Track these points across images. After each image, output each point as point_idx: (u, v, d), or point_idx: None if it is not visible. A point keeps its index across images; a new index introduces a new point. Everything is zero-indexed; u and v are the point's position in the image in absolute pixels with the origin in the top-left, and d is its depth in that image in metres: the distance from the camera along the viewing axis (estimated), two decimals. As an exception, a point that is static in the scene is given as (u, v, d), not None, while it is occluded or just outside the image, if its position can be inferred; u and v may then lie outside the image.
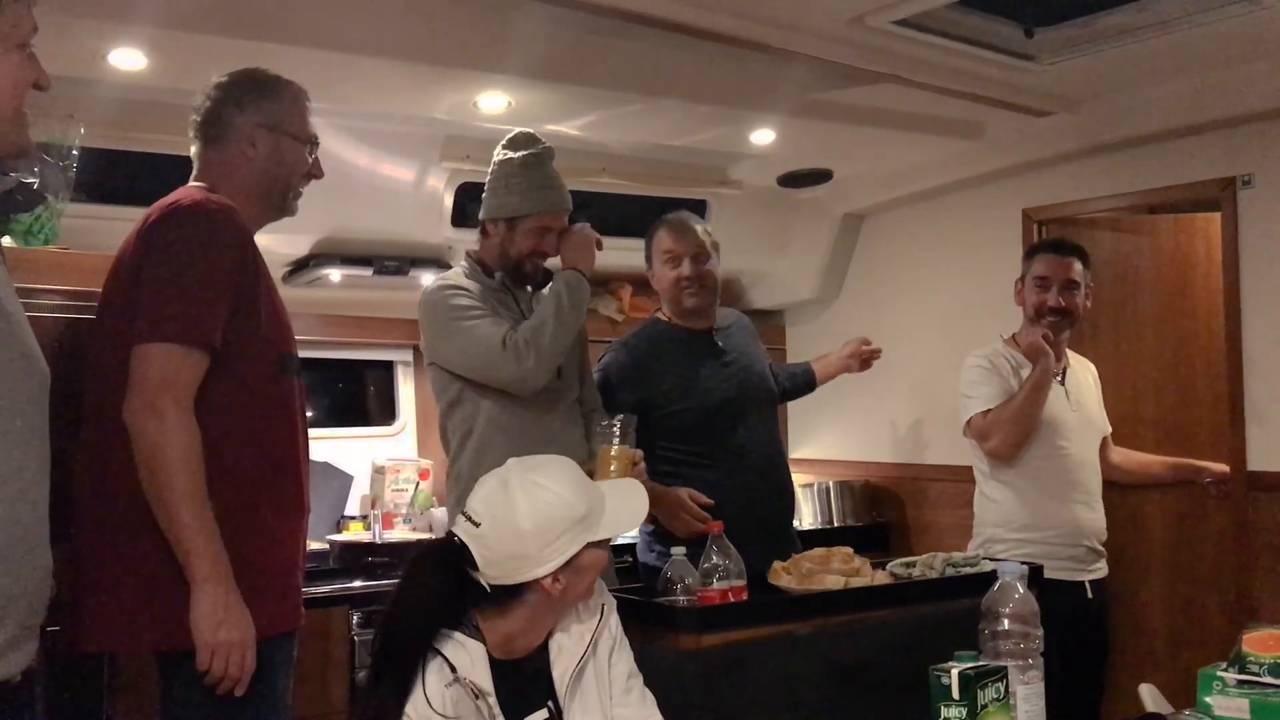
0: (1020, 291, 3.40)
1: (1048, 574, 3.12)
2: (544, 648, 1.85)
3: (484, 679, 1.75)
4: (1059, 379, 3.35)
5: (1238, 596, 3.65)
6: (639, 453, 2.55)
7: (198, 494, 1.90)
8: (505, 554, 1.75)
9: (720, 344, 3.14)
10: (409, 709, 1.68)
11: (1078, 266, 3.32)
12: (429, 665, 1.72)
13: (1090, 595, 3.26)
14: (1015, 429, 3.22)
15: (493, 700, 1.74)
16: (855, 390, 4.63)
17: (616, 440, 2.52)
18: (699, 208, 4.42)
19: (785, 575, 2.43)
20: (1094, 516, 3.31)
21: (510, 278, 2.78)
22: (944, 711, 1.58)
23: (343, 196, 3.60)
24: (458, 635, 1.76)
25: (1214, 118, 3.61)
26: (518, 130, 2.82)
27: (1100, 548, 3.32)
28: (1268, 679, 1.99)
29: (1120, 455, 3.65)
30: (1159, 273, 4.05)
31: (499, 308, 2.71)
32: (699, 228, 3.15)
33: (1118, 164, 3.94)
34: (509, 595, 1.77)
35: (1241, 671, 2.03)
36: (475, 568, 1.76)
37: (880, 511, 4.74)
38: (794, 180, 4.42)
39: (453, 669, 1.72)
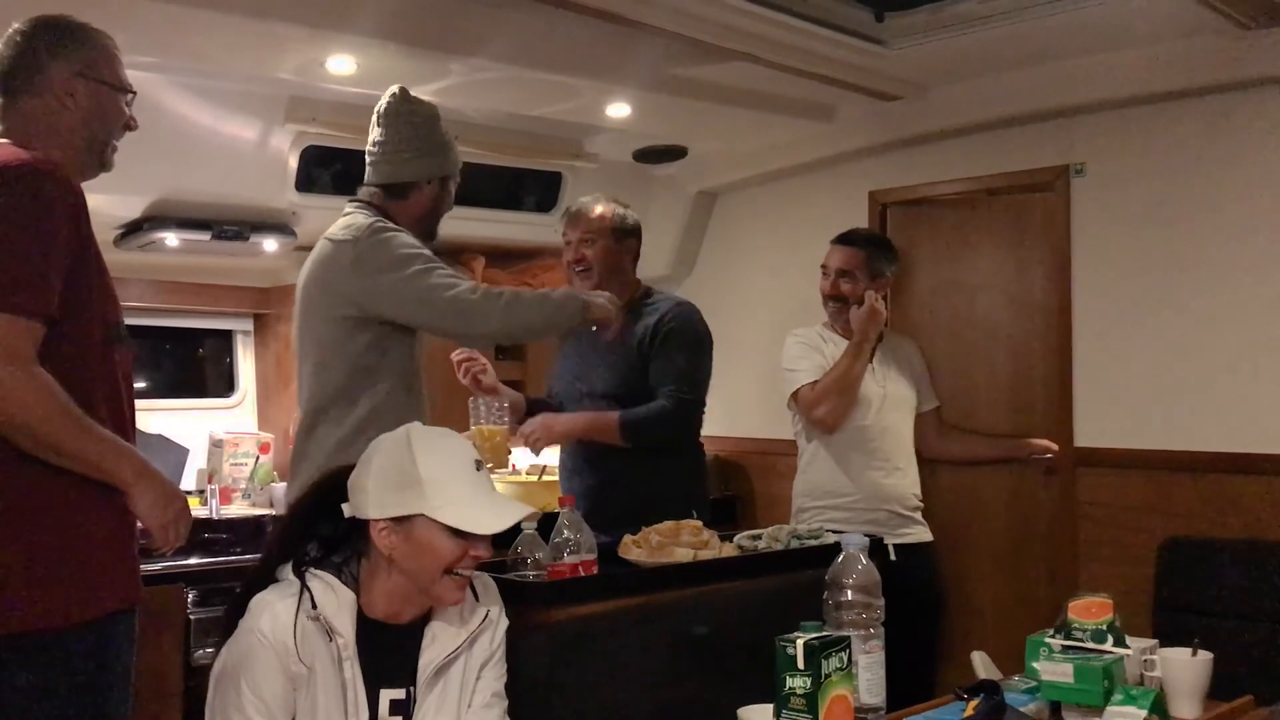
0: None
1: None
2: (420, 631, 1.84)
3: (345, 626, 1.74)
4: (887, 360, 3.54)
5: (1063, 567, 3.84)
6: (502, 430, 2.58)
7: (80, 417, 1.86)
8: (359, 480, 1.80)
9: (595, 328, 3.03)
10: (264, 624, 1.69)
11: (858, 257, 3.58)
12: (292, 593, 1.74)
13: (894, 558, 3.33)
14: (840, 397, 3.44)
15: (344, 644, 1.73)
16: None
17: (481, 420, 2.61)
18: (554, 180, 4.38)
19: (635, 549, 2.44)
20: (894, 482, 3.49)
21: (421, 237, 2.70)
22: (789, 681, 1.60)
23: (180, 156, 3.43)
24: (331, 578, 1.76)
25: (1051, 107, 3.76)
26: (398, 88, 2.73)
27: (907, 512, 3.51)
28: (1090, 645, 2.09)
29: (950, 439, 3.84)
30: (996, 255, 4.20)
31: None
32: (602, 209, 3.14)
33: (960, 149, 4.07)
34: (361, 537, 1.80)
35: (1067, 638, 2.12)
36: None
37: (729, 485, 4.81)
38: (649, 156, 4.42)
39: (314, 604, 1.72)
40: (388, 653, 1.78)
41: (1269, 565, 3.26)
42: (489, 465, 2.65)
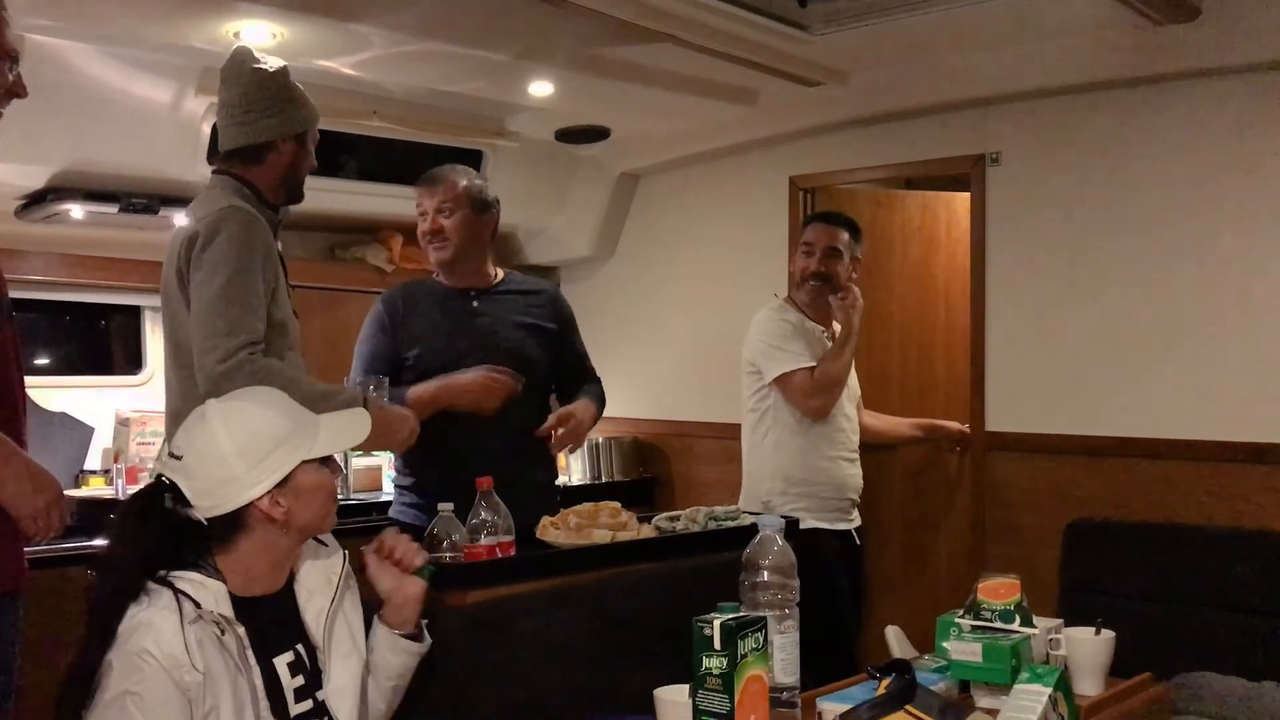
0: (794, 257, 3.58)
1: (822, 524, 3.36)
2: (290, 591, 1.82)
3: (231, 616, 1.71)
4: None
5: (972, 548, 3.92)
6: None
7: None
8: (213, 481, 1.72)
9: (476, 305, 2.97)
10: (148, 645, 1.61)
11: (843, 236, 3.50)
12: (166, 604, 1.65)
13: (858, 542, 3.51)
14: (838, 389, 3.43)
15: (243, 632, 1.70)
16: (624, 348, 4.68)
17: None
18: (474, 158, 4.33)
19: (553, 530, 2.43)
20: (855, 472, 3.53)
21: (289, 200, 2.60)
22: (705, 661, 1.61)
23: (87, 125, 3.32)
24: (196, 575, 1.71)
25: (968, 97, 3.82)
26: (240, 47, 2.58)
27: (857, 498, 3.55)
28: (998, 624, 2.14)
29: (871, 417, 3.88)
30: (907, 246, 4.30)
31: (268, 253, 2.44)
32: (456, 180, 2.97)
33: (880, 136, 4.12)
34: (232, 526, 1.74)
35: (976, 618, 2.17)
36: (189, 504, 1.72)
37: (647, 467, 4.83)
38: (572, 136, 4.40)
39: (196, 605, 1.66)
40: (268, 625, 1.76)
41: (1168, 547, 3.37)
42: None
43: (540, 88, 3.80)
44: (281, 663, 1.76)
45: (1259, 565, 3.19)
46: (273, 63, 2.54)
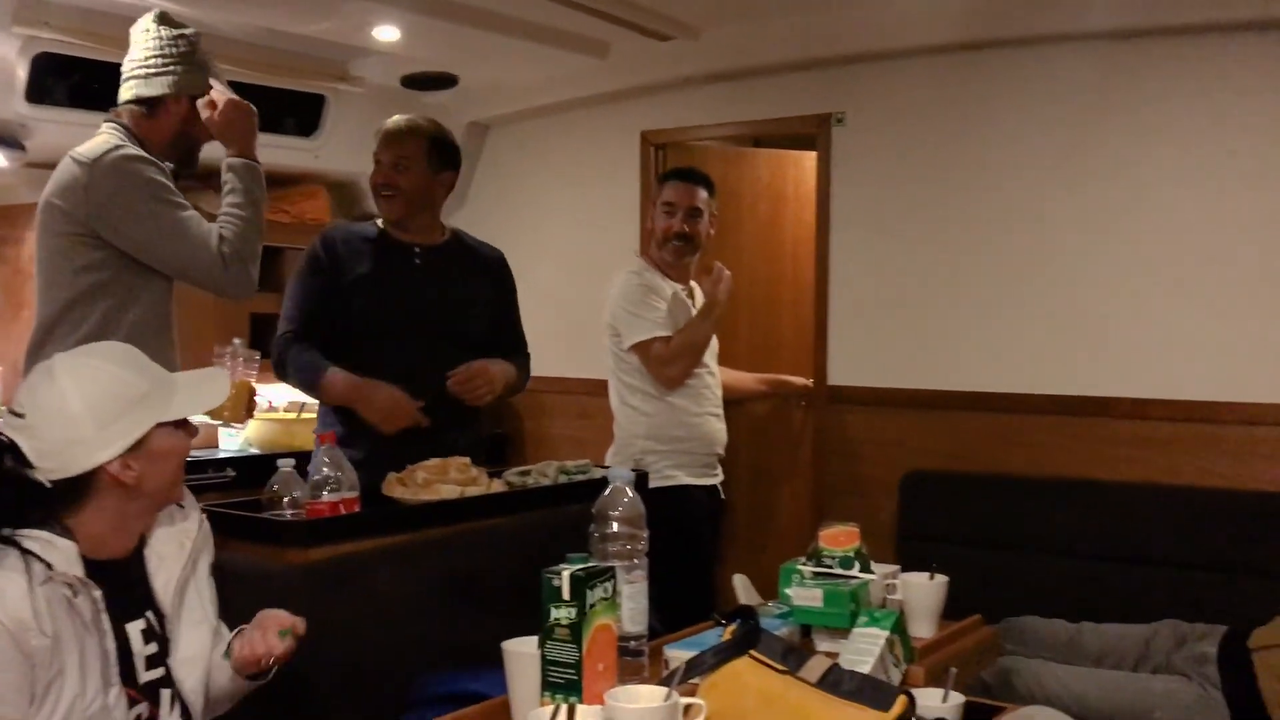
0: (651, 215, 3.55)
1: (693, 480, 3.40)
2: (140, 557, 1.73)
3: (84, 576, 1.61)
4: (692, 305, 3.54)
5: (815, 497, 4.03)
6: (247, 384, 2.53)
7: None
8: (59, 442, 1.61)
9: (418, 262, 2.87)
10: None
11: (702, 194, 3.50)
12: (14, 564, 1.54)
13: (723, 496, 3.57)
14: (694, 359, 3.43)
15: (98, 594, 1.60)
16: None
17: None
18: (315, 103, 4.19)
19: (400, 486, 2.39)
20: (721, 426, 3.56)
21: (180, 167, 2.55)
22: (554, 612, 1.60)
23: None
24: (44, 534, 1.60)
25: (816, 56, 3.87)
26: (158, 11, 2.56)
27: (723, 453, 3.59)
28: (839, 571, 2.20)
29: (722, 372, 3.91)
30: (756, 204, 4.35)
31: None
32: (419, 136, 2.86)
33: (730, 94, 4.14)
34: (78, 490, 1.63)
35: (817, 565, 2.23)
36: (30, 465, 1.60)
37: (498, 423, 4.79)
38: (419, 83, 4.29)
39: (47, 566, 1.56)
40: (119, 589, 1.67)
41: (998, 496, 3.53)
42: (226, 416, 2.59)
43: (385, 32, 3.69)
44: (135, 629, 1.68)
45: (1080, 512, 3.37)
46: (181, 27, 2.55)
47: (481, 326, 2.91)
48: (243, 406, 2.62)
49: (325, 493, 2.14)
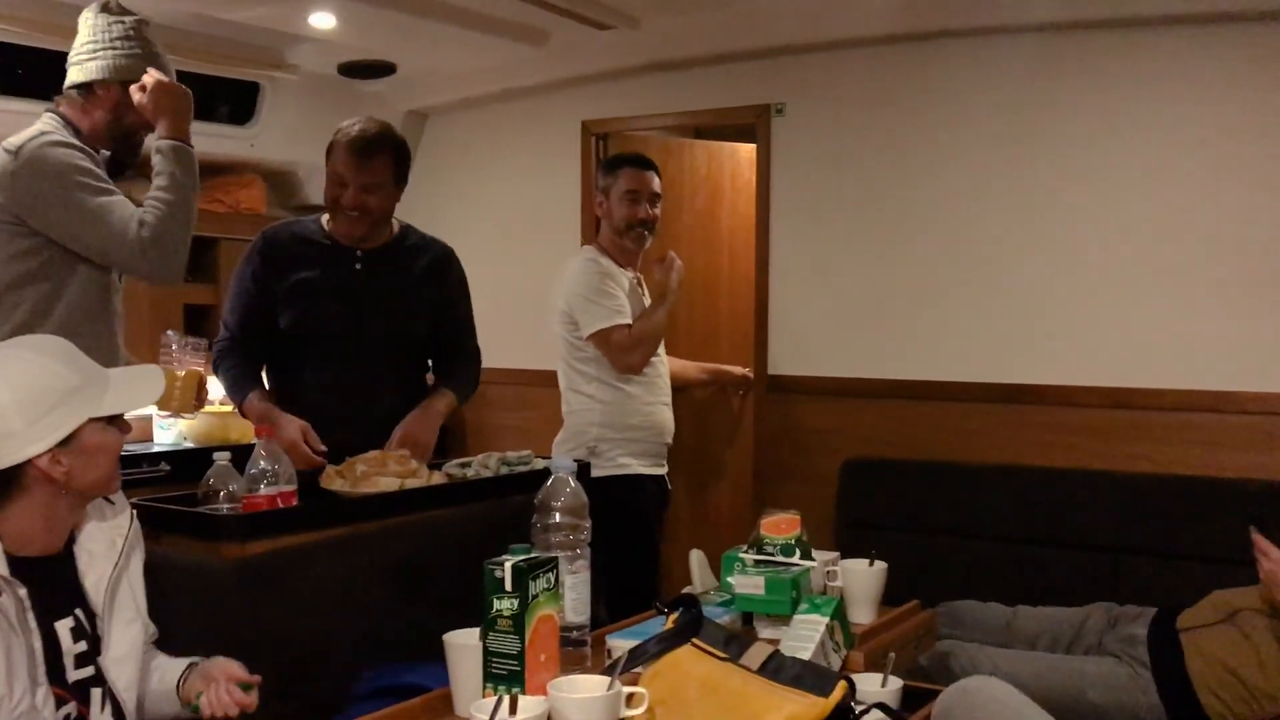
0: (603, 203, 3.50)
1: (644, 469, 3.41)
2: (70, 554, 1.70)
3: (8, 574, 1.58)
4: (643, 291, 3.55)
5: (756, 486, 4.06)
6: (196, 373, 2.54)
7: None
8: None
9: (360, 268, 2.80)
10: None
11: (658, 180, 3.51)
12: None
13: (669, 485, 3.58)
14: (654, 345, 3.44)
15: (24, 593, 1.57)
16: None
17: (174, 362, 2.50)
18: (250, 91, 4.12)
19: (338, 479, 2.37)
20: (670, 416, 3.57)
21: (119, 156, 2.51)
22: (496, 603, 1.60)
23: None
24: None
25: (756, 46, 3.89)
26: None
27: (670, 442, 3.60)
28: (780, 559, 2.22)
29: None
30: (694, 195, 4.37)
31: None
32: (390, 159, 2.78)
33: (671, 83, 4.14)
34: (6, 484, 1.60)
35: (759, 553, 2.25)
36: None
37: (440, 414, 4.76)
38: (356, 70, 4.24)
39: None
40: (47, 587, 1.64)
41: (936, 482, 3.58)
42: (174, 406, 2.54)
43: (322, 19, 3.64)
44: (63, 627, 1.64)
45: (1015, 498, 3.42)
46: (126, 15, 2.50)
47: (424, 329, 2.86)
48: (192, 396, 2.59)
49: (262, 486, 2.11)
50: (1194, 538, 3.12)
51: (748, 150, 4.31)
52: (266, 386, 2.81)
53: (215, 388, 2.82)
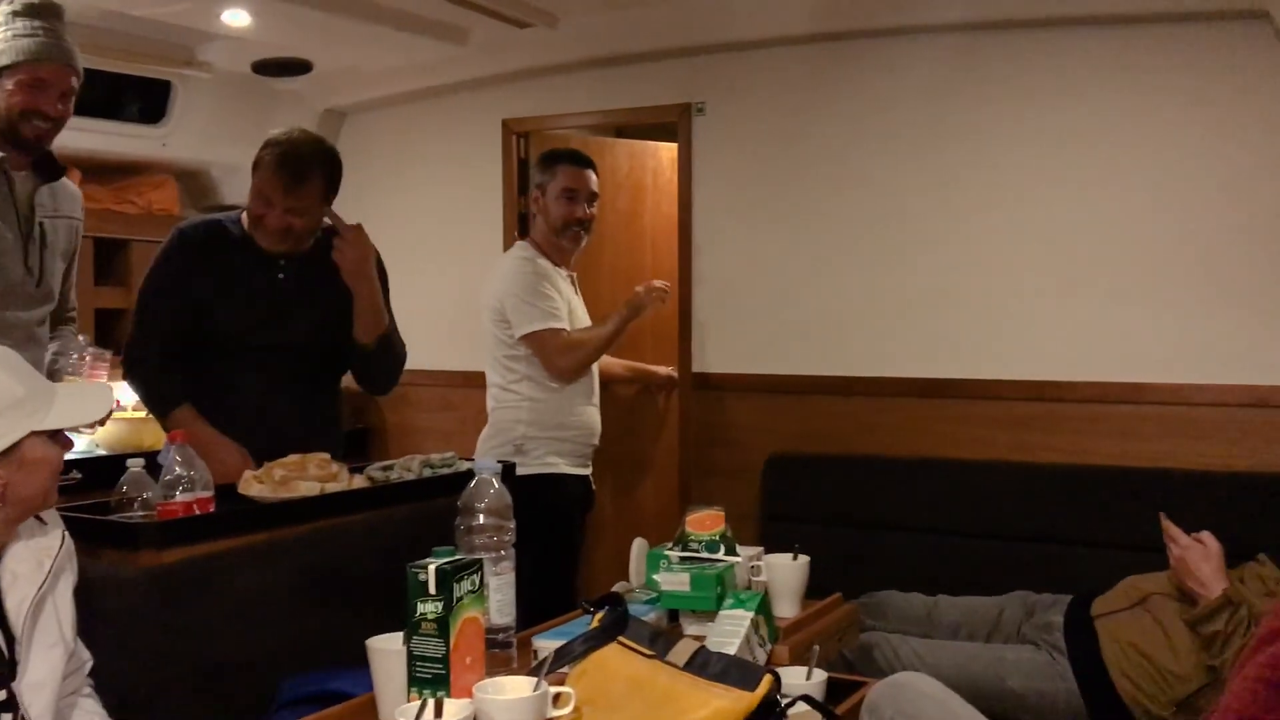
0: (539, 200, 3.47)
1: (572, 470, 3.41)
2: None
3: None
4: (575, 289, 3.54)
5: (680, 483, 4.08)
6: (99, 385, 2.39)
7: None
8: None
9: (284, 277, 2.72)
10: None
11: (596, 178, 3.50)
12: None
13: (594, 487, 3.57)
14: (594, 358, 3.43)
15: None
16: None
17: (69, 371, 2.44)
18: (162, 89, 4.03)
19: (257, 484, 2.32)
20: (599, 417, 3.56)
21: (9, 144, 2.42)
22: (420, 607, 1.58)
23: None
24: None
25: (676, 45, 3.90)
26: None
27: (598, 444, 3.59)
28: (705, 555, 2.23)
29: None
30: (617, 194, 4.37)
31: None
32: (320, 180, 2.70)
33: (592, 82, 4.14)
34: None
35: (684, 549, 2.25)
36: None
37: (360, 417, 4.70)
38: (271, 68, 4.16)
39: None
40: None
41: (858, 476, 3.62)
42: None
43: (234, 15, 3.56)
44: None
45: (935, 490, 3.48)
46: (5, 2, 2.44)
47: (347, 334, 2.78)
48: None
49: (178, 493, 2.06)
50: (1107, 526, 3.20)
51: (669, 149, 4.32)
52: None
53: (125, 393, 2.74)
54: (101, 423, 2.48)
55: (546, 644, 1.85)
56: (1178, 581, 2.55)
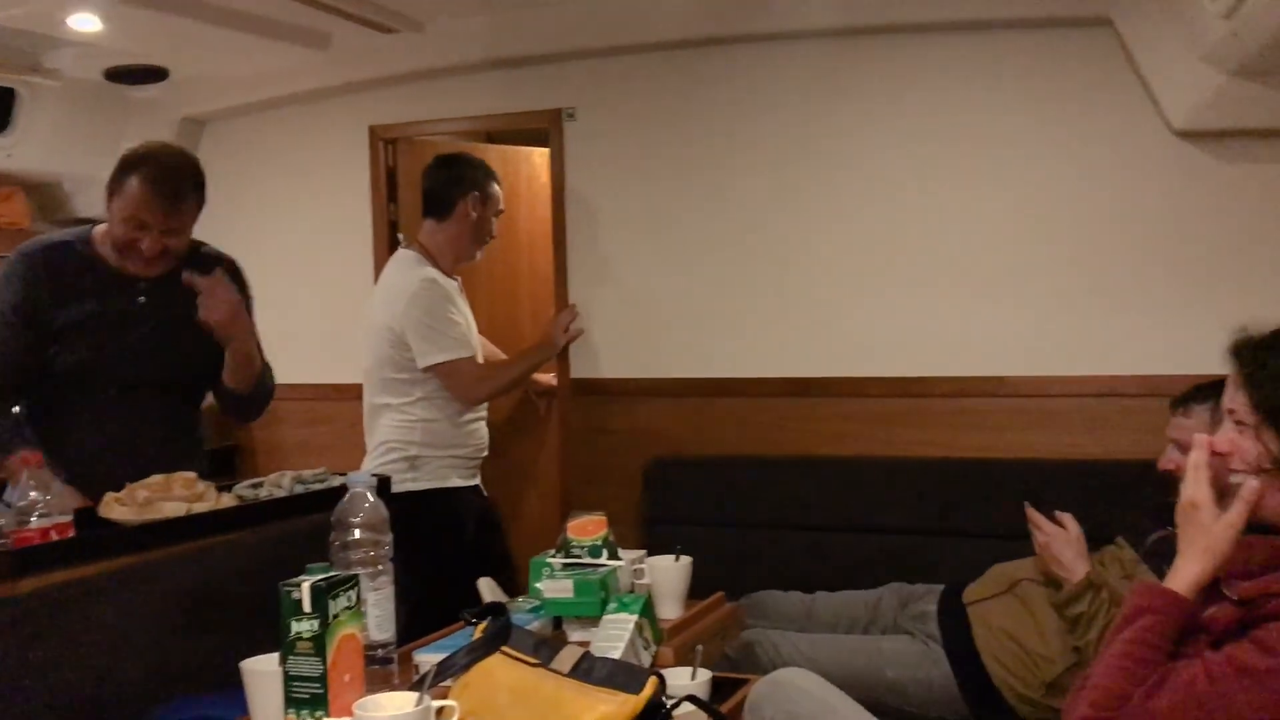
0: (478, 206, 3.43)
1: (464, 482, 3.38)
2: None
3: None
4: (463, 296, 3.49)
5: (562, 490, 4.06)
6: None
7: None
8: None
9: (144, 300, 2.57)
10: None
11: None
12: None
13: (485, 493, 3.55)
14: (502, 391, 3.51)
15: None
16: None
17: None
18: (6, 97, 3.85)
19: (120, 507, 2.22)
20: (487, 429, 3.52)
21: None
22: (295, 626, 1.54)
23: None
24: None
25: (545, 51, 3.89)
26: None
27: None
28: (588, 560, 2.23)
29: None
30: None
31: None
32: (192, 201, 2.56)
33: (461, 87, 4.10)
34: None
35: (567, 556, 2.25)
36: None
37: (227, 435, 4.56)
38: (124, 76, 4.01)
39: None
40: None
41: (737, 476, 3.67)
42: None
43: (83, 20, 3.42)
44: None
45: (810, 488, 3.55)
46: None
47: (207, 357, 2.65)
48: None
49: (33, 519, 1.97)
50: (975, 515, 3.30)
51: (541, 154, 4.31)
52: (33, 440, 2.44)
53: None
54: None
55: (428, 658, 1.82)
56: (1043, 567, 2.64)
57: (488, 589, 2.47)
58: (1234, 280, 3.25)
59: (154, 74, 4.04)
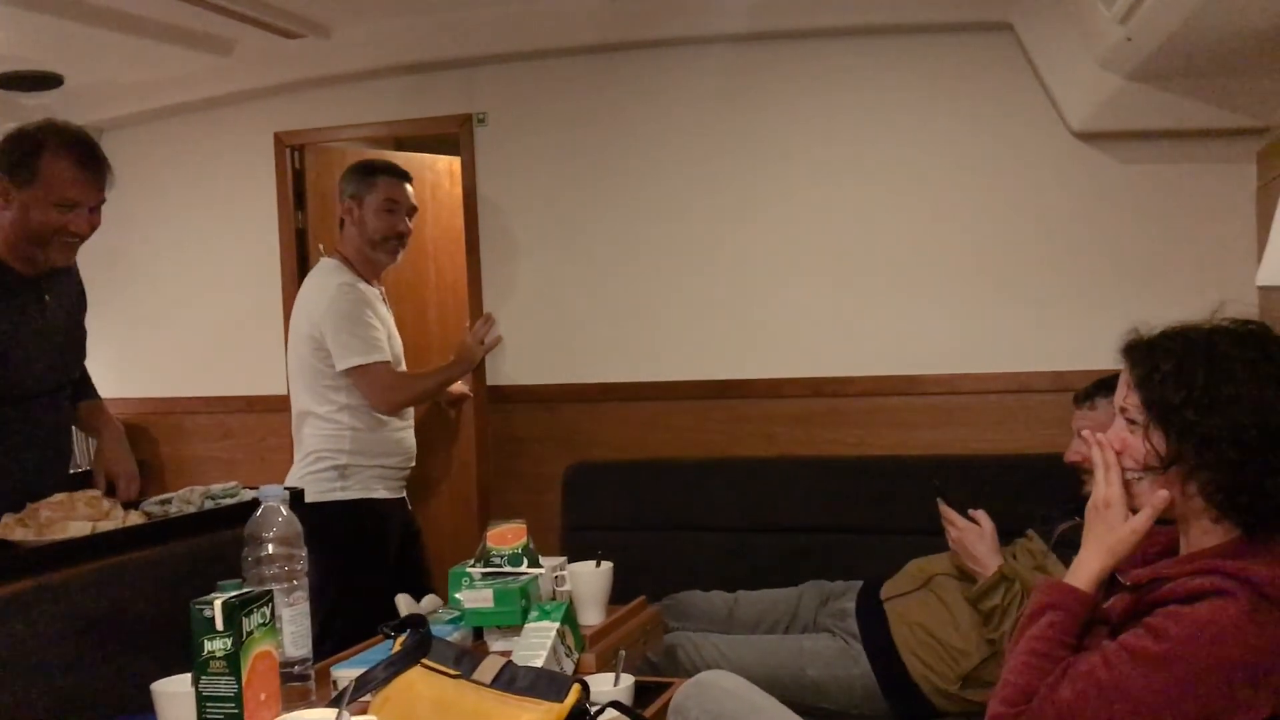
0: (354, 211, 3.36)
1: (390, 494, 3.36)
2: None
3: None
4: (388, 306, 3.46)
5: (480, 499, 4.03)
6: None
7: None
8: None
9: (48, 300, 2.48)
10: None
11: (413, 190, 3.45)
12: None
13: (410, 505, 3.53)
14: (417, 400, 3.49)
15: None
16: (100, 322, 4.25)
17: None
18: (-111, 105, 3.68)
19: (20, 528, 2.15)
20: (414, 438, 3.51)
21: None
22: (208, 645, 1.50)
23: None
24: None
25: (454, 56, 3.86)
26: None
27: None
28: (508, 569, 2.21)
29: None
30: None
31: None
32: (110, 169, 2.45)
33: (368, 93, 4.04)
34: None
35: (486, 565, 2.23)
36: None
37: (137, 451, 4.43)
38: (14, 83, 3.87)
39: None
40: None
41: (656, 480, 3.67)
42: None
43: (-29, 25, 3.30)
44: None
45: (729, 489, 3.57)
46: None
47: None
48: None
49: (-74, 544, 1.89)
50: (891, 513, 3.35)
51: (447, 161, 4.27)
52: None
53: None
54: None
55: (346, 673, 1.79)
56: (958, 561, 2.69)
57: (405, 606, 2.44)
58: (1136, 278, 3.35)
59: (48, 80, 3.91)
